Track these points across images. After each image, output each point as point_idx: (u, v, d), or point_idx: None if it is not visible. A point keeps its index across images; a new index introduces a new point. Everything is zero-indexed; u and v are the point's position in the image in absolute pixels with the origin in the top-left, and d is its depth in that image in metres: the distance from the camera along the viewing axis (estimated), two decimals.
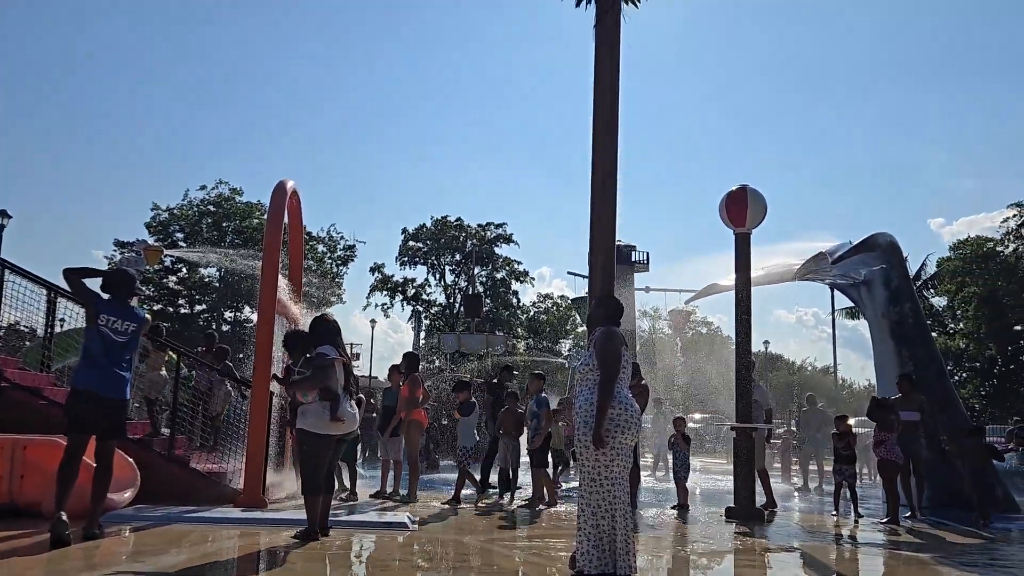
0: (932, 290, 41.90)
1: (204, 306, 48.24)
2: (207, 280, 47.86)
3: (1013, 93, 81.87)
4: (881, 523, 10.08)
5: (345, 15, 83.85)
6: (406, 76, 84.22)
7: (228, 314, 49.04)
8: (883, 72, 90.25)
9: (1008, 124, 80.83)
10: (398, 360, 12.30)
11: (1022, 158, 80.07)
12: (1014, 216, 38.00)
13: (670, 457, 12.37)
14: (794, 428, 22.58)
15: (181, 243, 45.23)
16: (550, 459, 11.50)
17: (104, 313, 6.52)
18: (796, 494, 15.38)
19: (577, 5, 8.43)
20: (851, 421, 12.13)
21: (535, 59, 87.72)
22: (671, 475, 11.89)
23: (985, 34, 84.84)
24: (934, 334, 25.98)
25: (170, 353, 11.15)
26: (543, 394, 11.28)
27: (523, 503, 10.76)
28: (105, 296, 6.70)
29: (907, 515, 10.67)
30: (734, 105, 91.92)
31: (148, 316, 7.05)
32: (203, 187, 48.09)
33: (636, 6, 8.30)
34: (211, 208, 47.76)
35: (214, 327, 47.40)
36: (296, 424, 6.96)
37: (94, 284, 6.83)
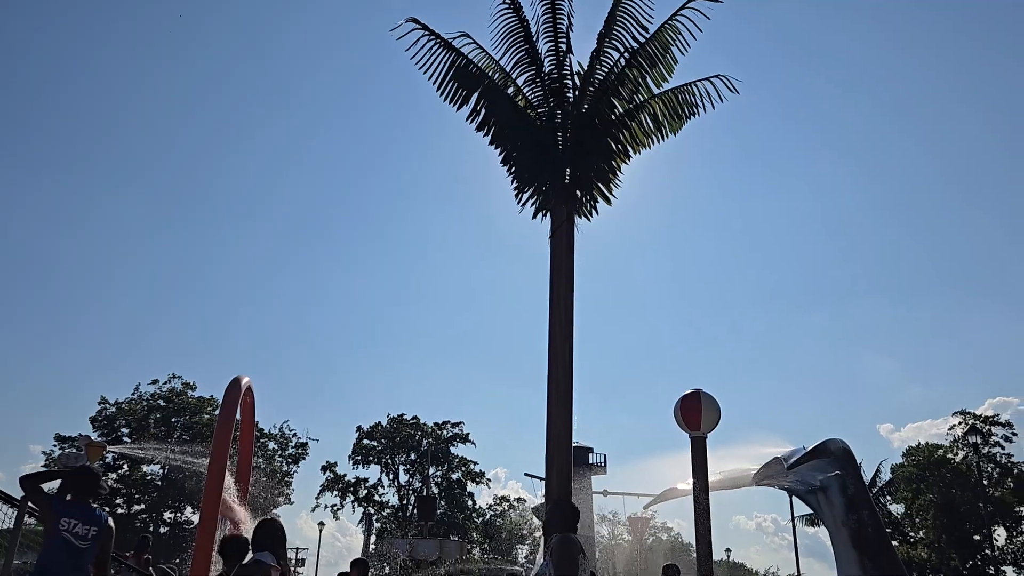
0: (888, 496, 41.78)
1: (143, 505, 45.90)
2: (149, 478, 45.89)
3: (954, 302, 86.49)
4: None
5: (309, 217, 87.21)
6: (367, 277, 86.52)
7: (168, 514, 46.64)
8: (830, 284, 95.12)
9: (951, 331, 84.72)
10: (345, 567, 11.71)
11: (965, 365, 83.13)
12: (959, 424, 38.85)
13: None
14: None
15: (126, 438, 43.78)
16: None
17: (65, 516, 6.01)
18: None
19: (533, 218, 8.99)
20: None
21: (493, 264, 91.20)
22: None
23: (927, 242, 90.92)
24: (895, 543, 25.59)
25: None
26: None
27: None
28: (66, 496, 6.25)
29: None
30: (688, 309, 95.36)
31: (110, 520, 6.46)
32: (155, 381, 47.38)
33: (588, 219, 8.88)
34: (161, 403, 46.76)
35: (151, 529, 44.89)
36: None
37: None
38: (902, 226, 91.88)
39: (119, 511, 44.58)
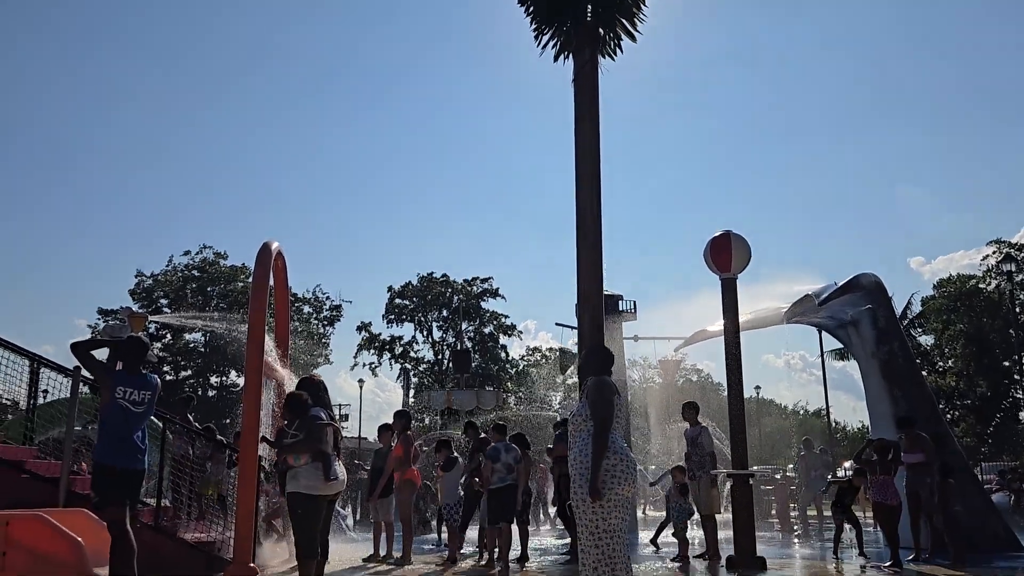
0: (919, 329, 42.13)
1: (189, 372, 47.80)
2: (192, 346, 47.53)
3: (988, 129, 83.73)
4: (884, 567, 9.93)
5: (328, 76, 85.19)
6: (387, 135, 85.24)
7: (214, 379, 48.60)
8: (856, 113, 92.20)
9: (985, 160, 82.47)
10: (388, 419, 12.15)
11: (999, 194, 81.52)
12: (993, 253, 38.51)
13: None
14: (791, 473, 22.40)
15: (165, 309, 45.06)
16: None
17: (120, 385, 6.42)
18: (797, 541, 15.17)
19: (555, 60, 8.60)
20: (846, 464, 12.14)
21: (517, 114, 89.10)
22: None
23: (958, 72, 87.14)
24: (924, 373, 26.01)
25: None
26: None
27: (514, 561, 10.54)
28: (116, 366, 6.64)
29: (911, 557, 10.55)
30: (714, 148, 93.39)
31: (158, 381, 6.89)
32: (187, 252, 48.21)
33: (612, 58, 8.47)
34: (195, 273, 47.72)
35: (200, 392, 46.93)
36: (287, 488, 6.83)
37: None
38: (934, 50, 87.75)
39: (167, 378, 46.54)
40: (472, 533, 12.15)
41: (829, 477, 17.24)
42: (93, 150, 73.21)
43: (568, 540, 11.35)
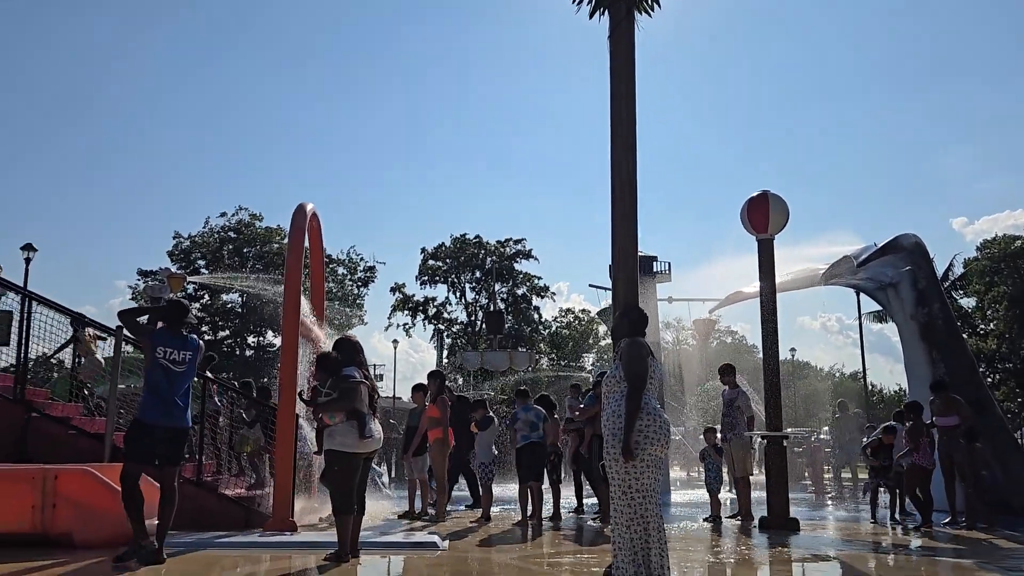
0: (960, 291, 41.34)
1: (227, 332, 48.62)
2: (229, 306, 48.26)
3: None
4: (916, 528, 9.90)
5: (361, 39, 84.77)
6: (421, 96, 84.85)
7: (251, 339, 49.37)
8: (900, 72, 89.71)
9: None
10: (421, 379, 12.30)
11: None
12: None
13: (702, 469, 12.28)
14: (824, 436, 22.30)
15: (203, 270, 45.70)
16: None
17: (161, 345, 6.66)
18: (830, 503, 15.16)
19: (590, 17, 8.41)
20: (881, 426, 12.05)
21: (551, 75, 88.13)
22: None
23: (1003, 31, 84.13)
24: (964, 335, 25.54)
25: (94, 336, 10.79)
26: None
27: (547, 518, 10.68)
28: (159, 327, 6.91)
29: (946, 520, 10.49)
30: (752, 109, 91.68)
31: (201, 343, 7.11)
32: (223, 214, 48.66)
33: (650, 14, 8.26)
34: (231, 234, 48.24)
35: (237, 352, 47.78)
36: (324, 445, 6.95)
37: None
38: (978, 7, 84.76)
39: (206, 337, 47.42)
40: (511, 492, 12.40)
41: (864, 440, 17.15)
42: (130, 112, 73.97)
43: (596, 500, 11.46)
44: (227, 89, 77.70)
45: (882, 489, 11.72)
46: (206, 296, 47.14)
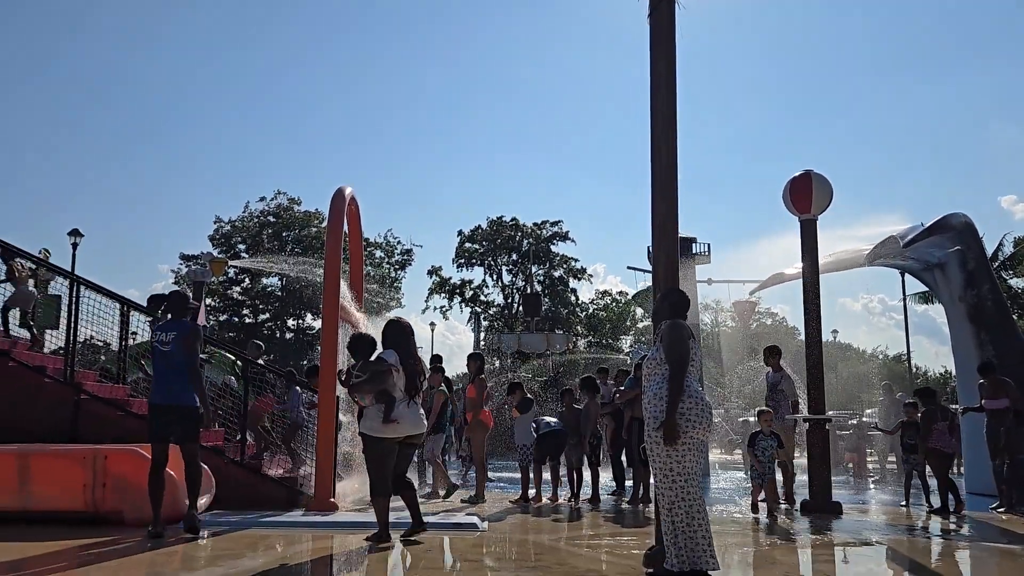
0: (1010, 271, 40.27)
1: (267, 315, 49.30)
2: (269, 290, 48.90)
3: None
4: (955, 512, 9.80)
5: (400, 19, 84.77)
6: (456, 77, 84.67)
7: (291, 322, 50.02)
8: (946, 48, 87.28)
9: None
10: (457, 361, 12.36)
11: None
12: None
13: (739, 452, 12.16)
14: (866, 419, 21.96)
15: (243, 254, 46.33)
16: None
17: (156, 331, 7.44)
18: (873, 487, 14.97)
19: None
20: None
21: (591, 56, 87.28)
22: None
23: None
24: (1015, 317, 24.93)
25: (25, 267, 10.84)
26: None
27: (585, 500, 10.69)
28: (167, 317, 7.66)
29: (994, 504, 10.33)
30: (794, 87, 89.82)
31: (195, 326, 7.64)
32: (262, 198, 49.22)
33: None
34: (271, 219, 48.79)
35: (277, 335, 48.44)
36: (359, 427, 6.99)
37: None
38: None
39: (247, 320, 48.19)
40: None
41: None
42: (171, 98, 74.98)
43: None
44: (266, 71, 78.28)
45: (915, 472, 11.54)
46: (247, 280, 47.83)
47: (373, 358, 7.03)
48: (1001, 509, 10.14)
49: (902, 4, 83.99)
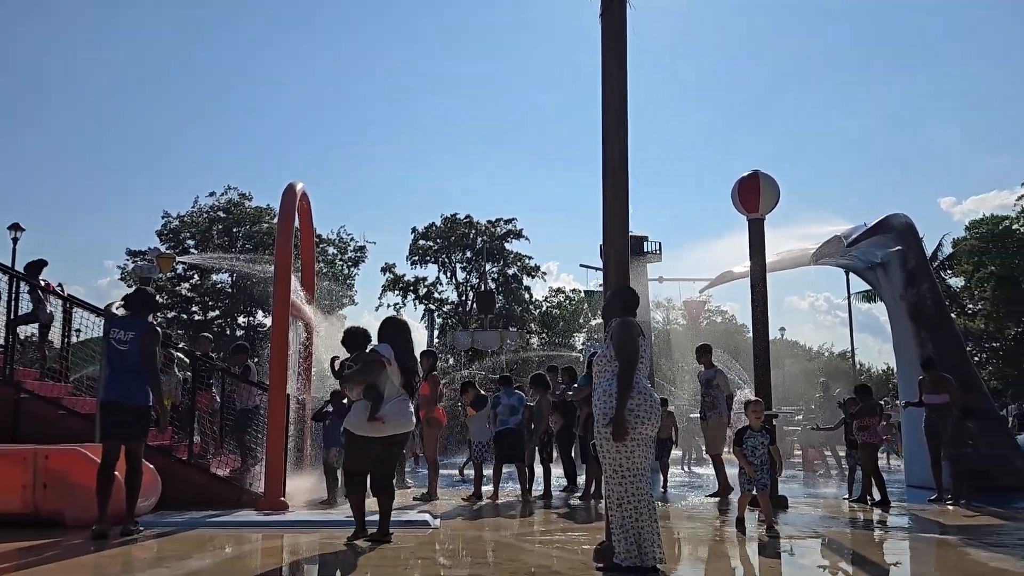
0: (949, 271, 41.52)
1: (217, 312, 48.45)
2: (219, 286, 48.04)
3: None
4: (874, 503, 10.12)
5: (348, 15, 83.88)
6: (409, 74, 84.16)
7: (241, 319, 49.23)
8: (887, 52, 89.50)
9: (1021, 99, 79.93)
10: None
11: None
12: None
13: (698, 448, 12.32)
14: (802, 419, 22.43)
15: (192, 250, 45.43)
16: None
17: (113, 327, 7.24)
18: (821, 482, 15.33)
19: None
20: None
21: (542, 51, 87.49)
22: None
23: (993, 10, 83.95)
24: (953, 315, 25.73)
25: None
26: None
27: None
28: (126, 313, 7.41)
29: (932, 497, 10.63)
30: (743, 88, 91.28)
31: (154, 326, 7.40)
32: (212, 193, 48.27)
33: None
34: (221, 214, 47.92)
35: (227, 332, 47.63)
36: (344, 423, 6.86)
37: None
38: None
39: (196, 317, 47.24)
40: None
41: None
42: (118, 92, 73.19)
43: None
44: (214, 67, 76.88)
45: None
46: (196, 276, 46.92)
47: (368, 350, 6.92)
48: (949, 501, 10.41)
49: (843, 9, 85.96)
